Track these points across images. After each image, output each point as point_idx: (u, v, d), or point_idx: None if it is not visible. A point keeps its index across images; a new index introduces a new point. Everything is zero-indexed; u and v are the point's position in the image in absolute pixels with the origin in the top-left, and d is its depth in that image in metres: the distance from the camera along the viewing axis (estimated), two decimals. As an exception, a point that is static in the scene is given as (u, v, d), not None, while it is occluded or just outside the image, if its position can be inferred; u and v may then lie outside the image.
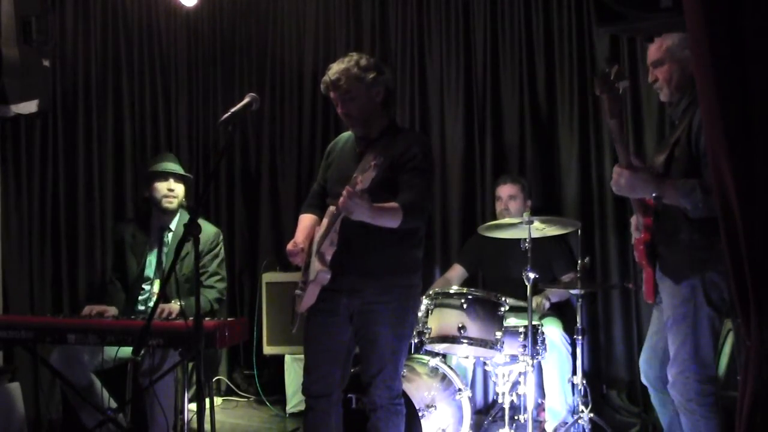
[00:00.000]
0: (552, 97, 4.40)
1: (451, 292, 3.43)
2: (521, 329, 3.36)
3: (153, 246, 3.71)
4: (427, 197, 2.79)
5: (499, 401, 3.50)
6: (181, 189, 3.73)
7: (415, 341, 3.41)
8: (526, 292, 3.33)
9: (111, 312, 3.42)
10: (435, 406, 3.28)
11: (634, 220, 2.70)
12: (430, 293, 3.44)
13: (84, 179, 4.41)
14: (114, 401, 3.42)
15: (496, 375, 3.49)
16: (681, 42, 2.55)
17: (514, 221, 3.49)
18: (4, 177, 4.01)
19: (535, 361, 3.44)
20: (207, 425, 2.54)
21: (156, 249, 3.69)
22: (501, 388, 3.46)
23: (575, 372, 3.49)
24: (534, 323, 3.37)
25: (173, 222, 3.71)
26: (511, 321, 3.61)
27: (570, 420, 3.48)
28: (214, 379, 4.47)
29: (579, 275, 3.42)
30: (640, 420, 3.95)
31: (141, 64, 4.80)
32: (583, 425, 3.41)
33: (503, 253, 3.90)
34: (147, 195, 3.73)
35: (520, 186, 4.04)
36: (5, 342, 3.17)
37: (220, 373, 4.81)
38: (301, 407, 3.14)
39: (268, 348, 4.46)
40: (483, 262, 4.17)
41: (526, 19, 4.43)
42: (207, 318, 3.13)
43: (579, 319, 3.48)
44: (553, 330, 3.71)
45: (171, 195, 3.67)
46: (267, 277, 4.50)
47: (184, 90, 5.12)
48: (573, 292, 3.49)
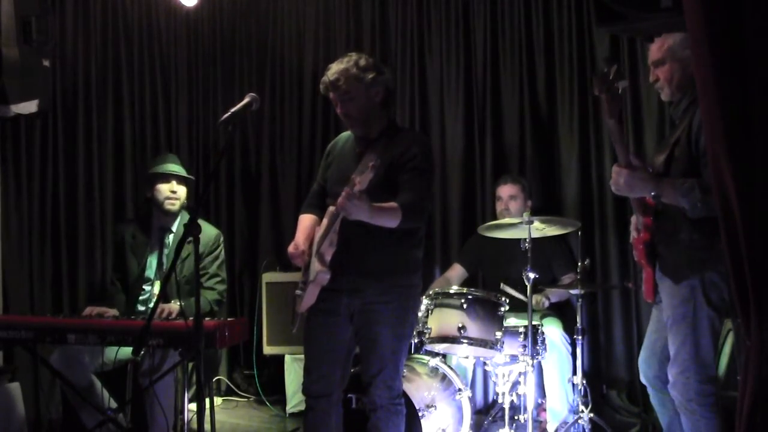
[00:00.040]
0: (552, 97, 4.40)
1: (451, 292, 3.43)
2: (521, 329, 3.36)
3: (154, 247, 3.69)
4: (427, 197, 2.78)
5: (499, 401, 3.50)
6: (184, 191, 3.70)
7: (415, 341, 3.41)
8: (526, 292, 3.34)
9: (111, 313, 3.41)
10: (435, 406, 3.28)
11: (634, 219, 2.70)
12: (430, 293, 3.44)
13: (84, 179, 4.41)
14: (114, 401, 3.42)
15: (496, 375, 3.49)
16: (682, 42, 2.55)
17: (514, 221, 3.49)
18: (4, 177, 4.00)
19: (535, 361, 3.44)
20: (207, 425, 2.53)
21: (157, 250, 3.67)
22: (501, 388, 3.46)
23: (575, 372, 3.49)
24: (534, 323, 3.37)
25: (175, 224, 3.69)
26: (511, 321, 3.62)
27: (571, 420, 3.48)
28: (214, 379, 4.47)
29: (579, 276, 3.43)
30: (640, 420, 3.95)
31: (141, 64, 4.79)
32: (583, 425, 3.41)
33: (503, 253, 3.90)
34: (149, 196, 3.70)
35: (520, 186, 4.04)
36: (5, 342, 3.17)
37: (220, 373, 4.81)
38: (301, 407, 3.14)
39: (268, 348, 4.46)
40: (483, 262, 4.17)
41: (526, 19, 4.44)
42: (207, 318, 3.12)
43: (579, 319, 3.49)
44: (553, 330, 3.71)
45: (173, 197, 3.64)
46: (267, 277, 4.50)
47: (184, 90, 5.12)
48: (573, 292, 3.50)
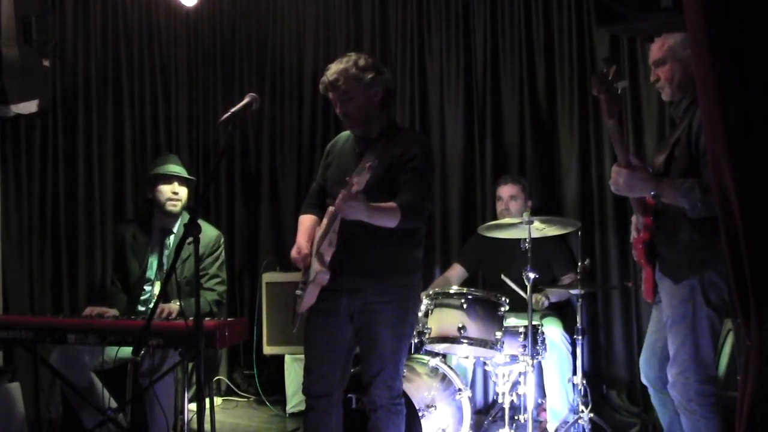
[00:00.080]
0: (552, 97, 4.40)
1: (451, 292, 3.43)
2: (521, 329, 3.36)
3: (154, 247, 3.67)
4: (427, 197, 2.77)
5: (499, 401, 3.50)
6: (185, 192, 3.68)
7: (415, 341, 3.40)
8: (526, 292, 3.34)
9: (111, 313, 3.41)
10: (435, 406, 3.28)
11: (634, 219, 2.70)
12: (430, 293, 3.43)
13: (84, 179, 4.41)
14: (114, 401, 3.42)
15: (496, 375, 3.49)
16: (683, 41, 2.55)
17: (514, 221, 3.49)
18: (4, 177, 4.00)
19: (535, 361, 3.44)
20: (207, 425, 2.54)
21: (157, 251, 3.65)
22: (501, 388, 3.46)
23: (575, 372, 3.49)
24: (534, 323, 3.37)
25: (176, 225, 3.67)
26: (511, 321, 3.62)
27: (571, 419, 3.48)
28: (214, 379, 4.46)
29: (579, 276, 3.42)
30: (640, 420, 3.95)
31: (141, 64, 4.79)
32: (583, 425, 3.41)
33: (503, 253, 3.90)
34: (150, 196, 3.69)
35: (520, 186, 4.04)
36: (5, 342, 3.16)
37: (220, 373, 4.81)
38: (301, 407, 3.14)
39: (268, 348, 4.47)
40: (483, 262, 4.17)
41: (526, 19, 4.44)
42: (207, 318, 3.12)
43: (579, 319, 3.49)
44: (554, 330, 3.71)
45: (175, 198, 3.63)
46: (267, 277, 4.51)
47: (184, 90, 5.12)
48: (573, 292, 3.49)
